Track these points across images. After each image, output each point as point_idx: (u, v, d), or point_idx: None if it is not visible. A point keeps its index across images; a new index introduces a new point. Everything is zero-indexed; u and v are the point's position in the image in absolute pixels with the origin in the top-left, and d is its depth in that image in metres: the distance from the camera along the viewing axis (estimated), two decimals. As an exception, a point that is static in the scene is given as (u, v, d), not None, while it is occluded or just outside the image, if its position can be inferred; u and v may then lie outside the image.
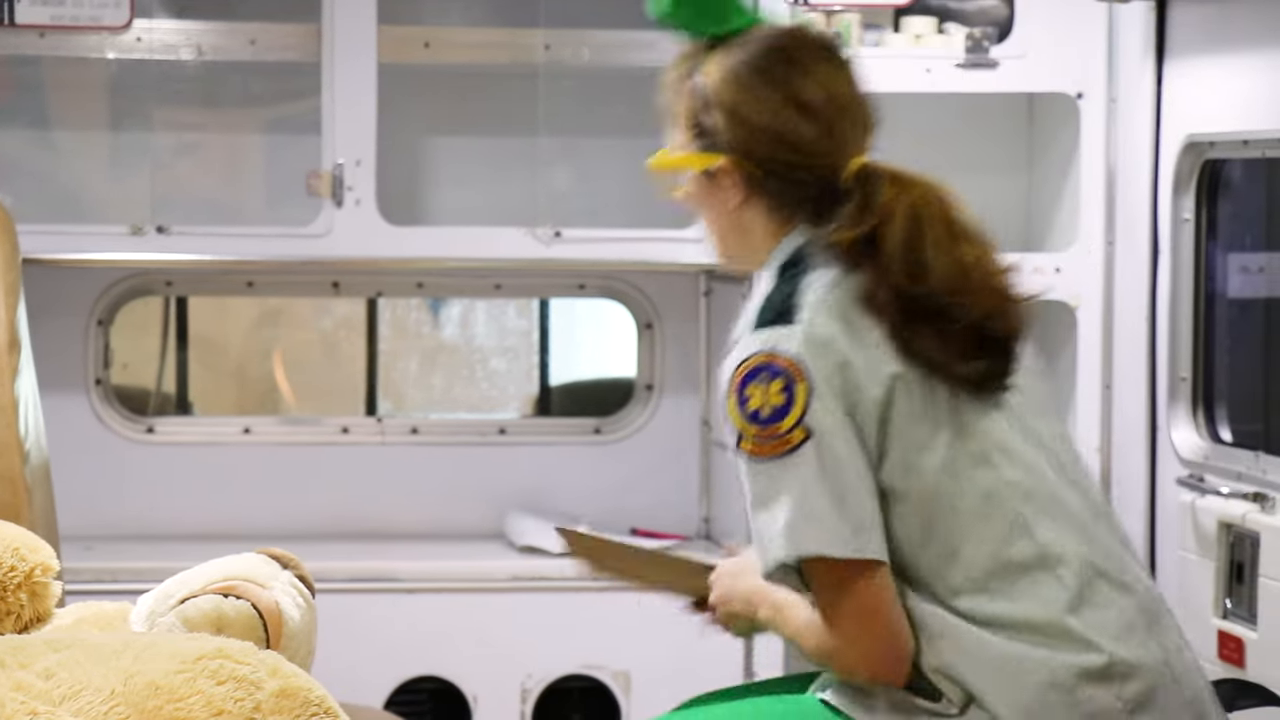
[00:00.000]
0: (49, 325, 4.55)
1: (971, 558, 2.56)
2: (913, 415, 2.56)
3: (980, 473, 2.58)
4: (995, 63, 4.54)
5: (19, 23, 4.41)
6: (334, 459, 4.86)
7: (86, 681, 1.92)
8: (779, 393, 2.51)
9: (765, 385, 2.51)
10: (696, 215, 2.82)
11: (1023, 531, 2.58)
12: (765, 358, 2.53)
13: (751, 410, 2.51)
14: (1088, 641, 2.57)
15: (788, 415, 2.50)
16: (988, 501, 2.57)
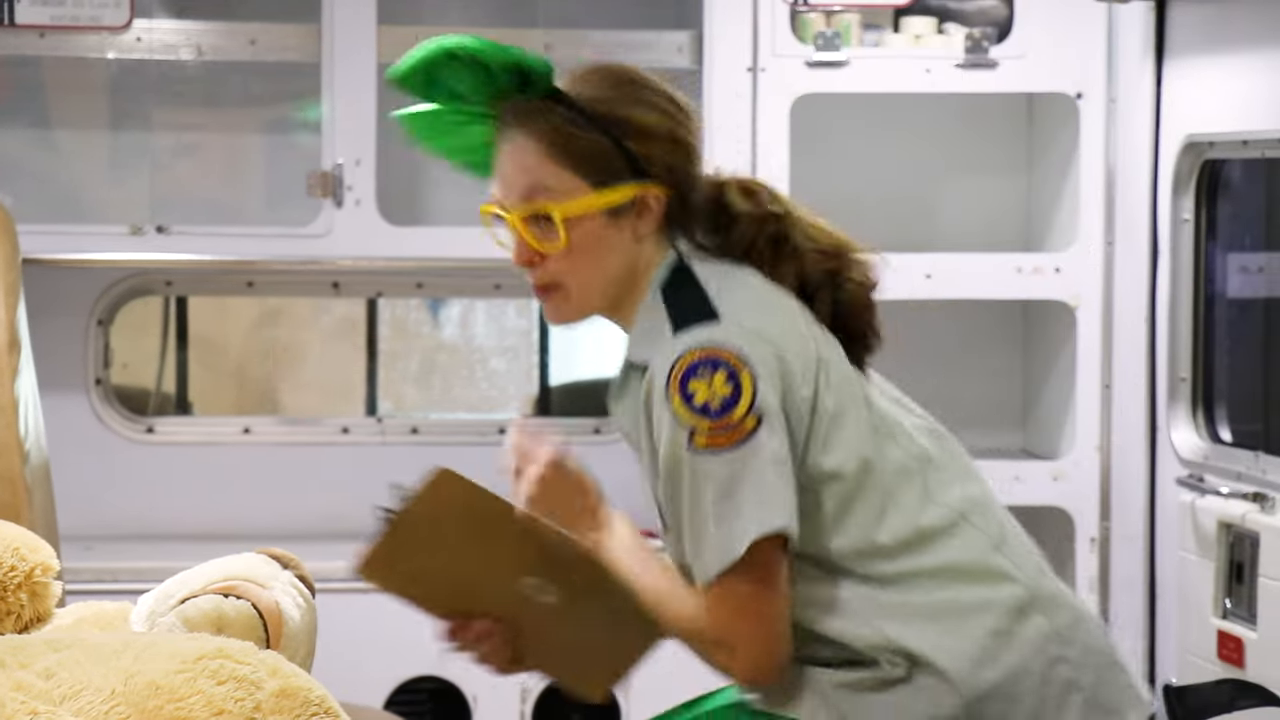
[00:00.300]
0: (49, 325, 4.55)
1: (893, 530, 2.58)
2: (836, 400, 2.59)
3: (887, 447, 2.62)
4: (995, 63, 4.54)
5: (19, 23, 4.41)
6: (334, 459, 4.86)
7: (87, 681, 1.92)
8: (724, 383, 2.50)
9: (708, 379, 2.50)
10: (559, 271, 2.62)
11: (932, 498, 2.63)
12: (702, 353, 2.50)
13: (700, 405, 2.48)
14: (1015, 577, 2.63)
15: (738, 403, 2.49)
16: (899, 475, 2.61)
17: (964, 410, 4.98)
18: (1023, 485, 4.61)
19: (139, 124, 4.89)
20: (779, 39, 4.50)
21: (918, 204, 4.95)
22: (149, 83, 4.82)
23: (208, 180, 4.92)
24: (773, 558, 2.51)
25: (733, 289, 2.60)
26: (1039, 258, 4.65)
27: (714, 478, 2.50)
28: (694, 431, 2.49)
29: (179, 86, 4.85)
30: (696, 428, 2.49)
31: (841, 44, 4.52)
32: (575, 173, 2.57)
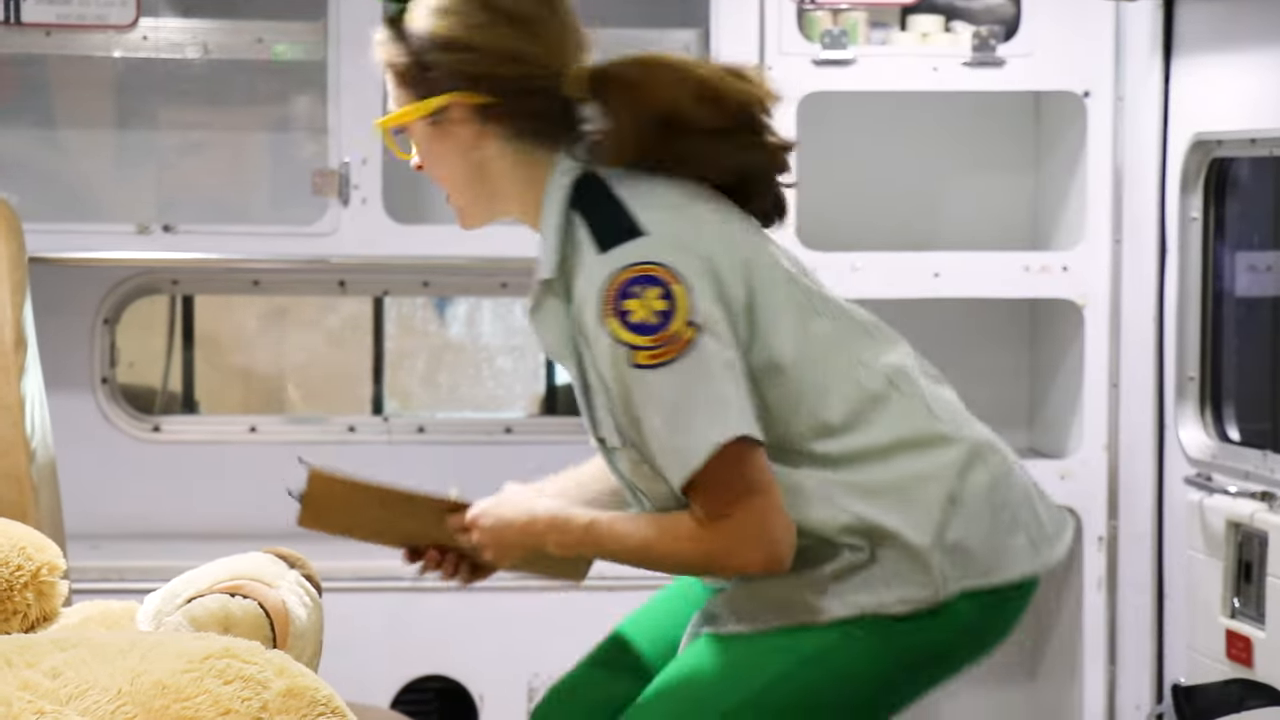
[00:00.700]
0: (55, 324, 4.55)
1: (838, 406, 2.67)
2: (766, 293, 2.64)
3: (816, 322, 2.69)
4: (1002, 61, 4.53)
5: (25, 22, 4.41)
6: (340, 458, 4.84)
7: (93, 680, 1.92)
8: (659, 298, 2.55)
9: (641, 296, 2.56)
10: (435, 180, 2.79)
11: (864, 364, 2.72)
12: (633, 271, 2.56)
13: (636, 323, 2.55)
14: (952, 436, 2.78)
15: (674, 316, 2.55)
16: (832, 347, 2.70)
17: (971, 409, 4.98)
18: (1030, 484, 4.61)
19: (145, 123, 4.89)
20: (786, 37, 4.50)
21: (925, 203, 4.94)
22: (155, 81, 4.82)
23: (214, 179, 4.92)
24: (744, 457, 2.57)
25: (650, 202, 2.63)
26: (1046, 256, 4.64)
27: (662, 393, 2.56)
28: (635, 349, 2.55)
29: (185, 85, 4.85)
30: (637, 345, 2.55)
31: (848, 42, 4.52)
32: (397, 86, 2.74)
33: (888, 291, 4.55)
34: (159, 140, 4.91)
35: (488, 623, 4.44)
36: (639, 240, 2.59)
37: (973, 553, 2.73)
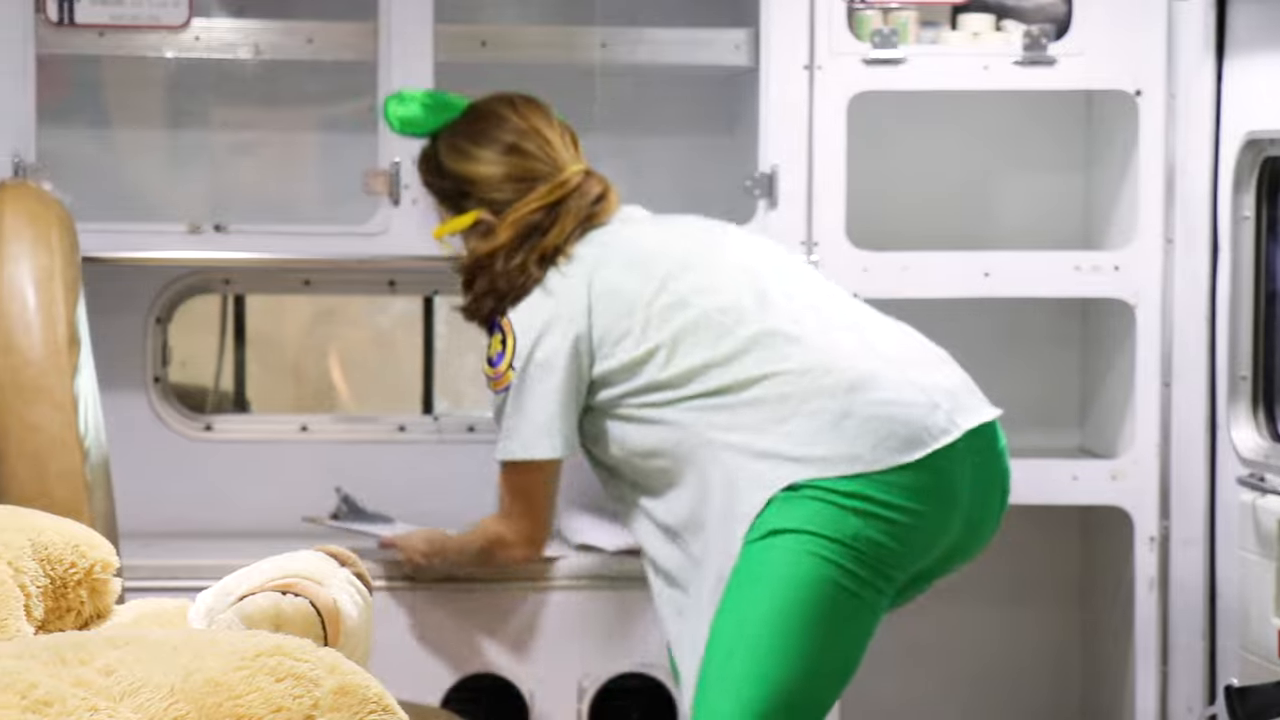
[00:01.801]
0: (108, 323, 4.57)
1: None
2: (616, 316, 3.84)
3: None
4: (1053, 60, 4.52)
5: (79, 22, 4.43)
6: (391, 457, 4.87)
7: (146, 678, 1.93)
8: (499, 343, 3.86)
9: (491, 338, 3.90)
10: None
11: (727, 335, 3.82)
12: (501, 318, 3.87)
13: (487, 356, 3.89)
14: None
15: (503, 359, 3.84)
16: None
17: (1022, 408, 4.97)
18: (1081, 484, 4.59)
19: (197, 123, 4.91)
20: (836, 37, 4.49)
21: (976, 202, 4.93)
22: (207, 82, 4.84)
23: (265, 179, 4.94)
24: (531, 469, 3.93)
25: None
26: (1098, 256, 4.62)
27: (499, 407, 3.90)
28: (486, 375, 3.90)
29: (237, 85, 4.87)
30: (485, 372, 3.90)
31: (899, 41, 4.51)
32: (444, 207, 4.04)
33: (938, 291, 4.54)
34: (211, 140, 4.93)
35: (539, 621, 4.44)
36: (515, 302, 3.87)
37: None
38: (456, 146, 3.94)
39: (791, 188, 4.51)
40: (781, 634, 3.57)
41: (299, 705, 1.98)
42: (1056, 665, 5.01)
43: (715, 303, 3.73)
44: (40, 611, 2.44)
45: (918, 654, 4.98)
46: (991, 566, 4.95)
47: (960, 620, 4.99)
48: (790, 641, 3.56)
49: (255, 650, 2.02)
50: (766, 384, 3.67)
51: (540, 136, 3.92)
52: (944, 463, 3.67)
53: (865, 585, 3.63)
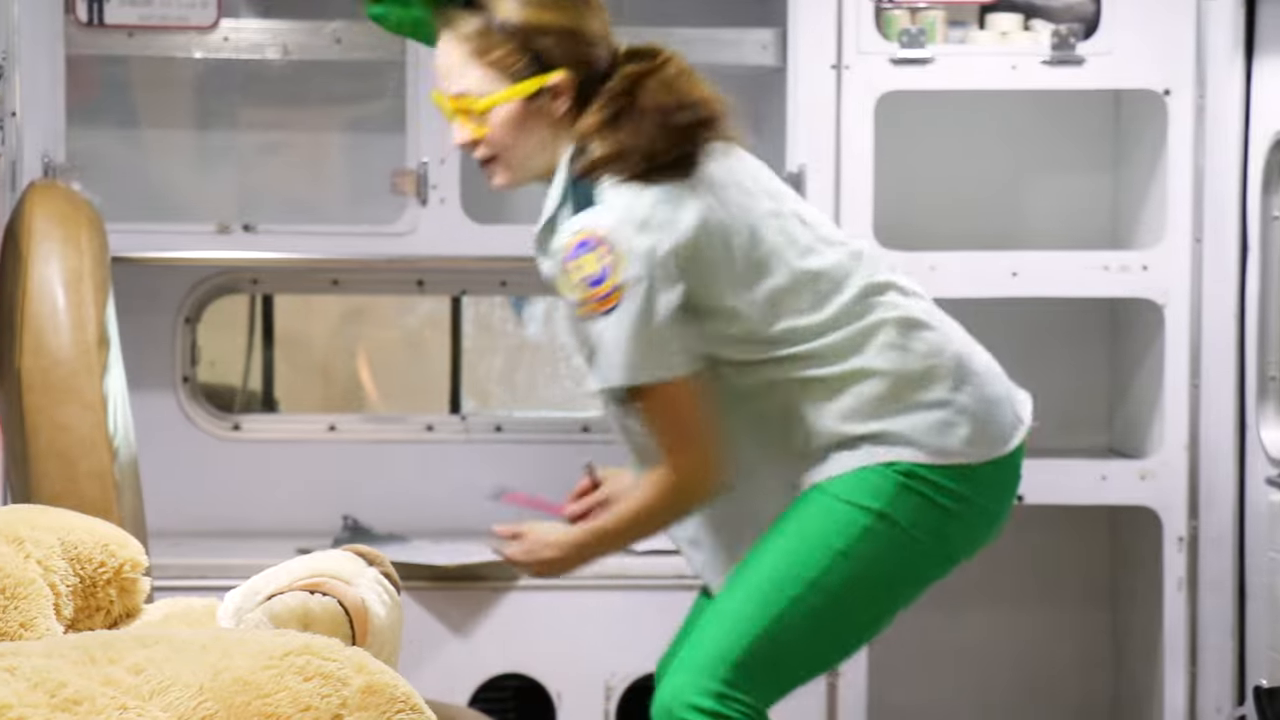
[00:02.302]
0: (137, 323, 4.58)
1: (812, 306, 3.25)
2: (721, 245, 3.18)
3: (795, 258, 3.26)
4: (1081, 60, 4.51)
5: (108, 23, 4.45)
6: (418, 456, 4.87)
7: (175, 677, 1.93)
8: (595, 262, 3.13)
9: (584, 256, 3.15)
10: (491, 148, 3.24)
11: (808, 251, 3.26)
12: (581, 236, 3.13)
13: (581, 279, 3.15)
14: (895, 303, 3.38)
15: (606, 279, 3.12)
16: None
17: (1051, 409, 4.95)
18: (1110, 484, 4.58)
19: (226, 123, 4.92)
20: (864, 36, 4.49)
21: (1004, 202, 4.92)
22: (235, 82, 4.85)
23: (293, 179, 4.95)
24: (671, 393, 3.16)
25: (620, 183, 3.15)
26: (1126, 255, 4.61)
27: (598, 337, 3.16)
28: (582, 300, 3.15)
29: (265, 85, 4.87)
30: (582, 297, 3.15)
31: (926, 41, 4.50)
32: (488, 74, 3.19)
33: (966, 291, 4.53)
34: (239, 140, 4.94)
35: (566, 621, 4.45)
36: (590, 211, 3.15)
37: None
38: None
39: (819, 187, 4.50)
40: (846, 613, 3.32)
41: (327, 704, 1.98)
42: (1085, 666, 5.00)
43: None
44: (70, 610, 2.45)
45: (947, 655, 4.97)
46: (1020, 567, 4.94)
47: (989, 621, 4.98)
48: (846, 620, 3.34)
49: (283, 649, 2.02)
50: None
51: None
52: (1018, 457, 3.52)
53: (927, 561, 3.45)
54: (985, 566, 4.95)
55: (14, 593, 2.32)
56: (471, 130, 3.22)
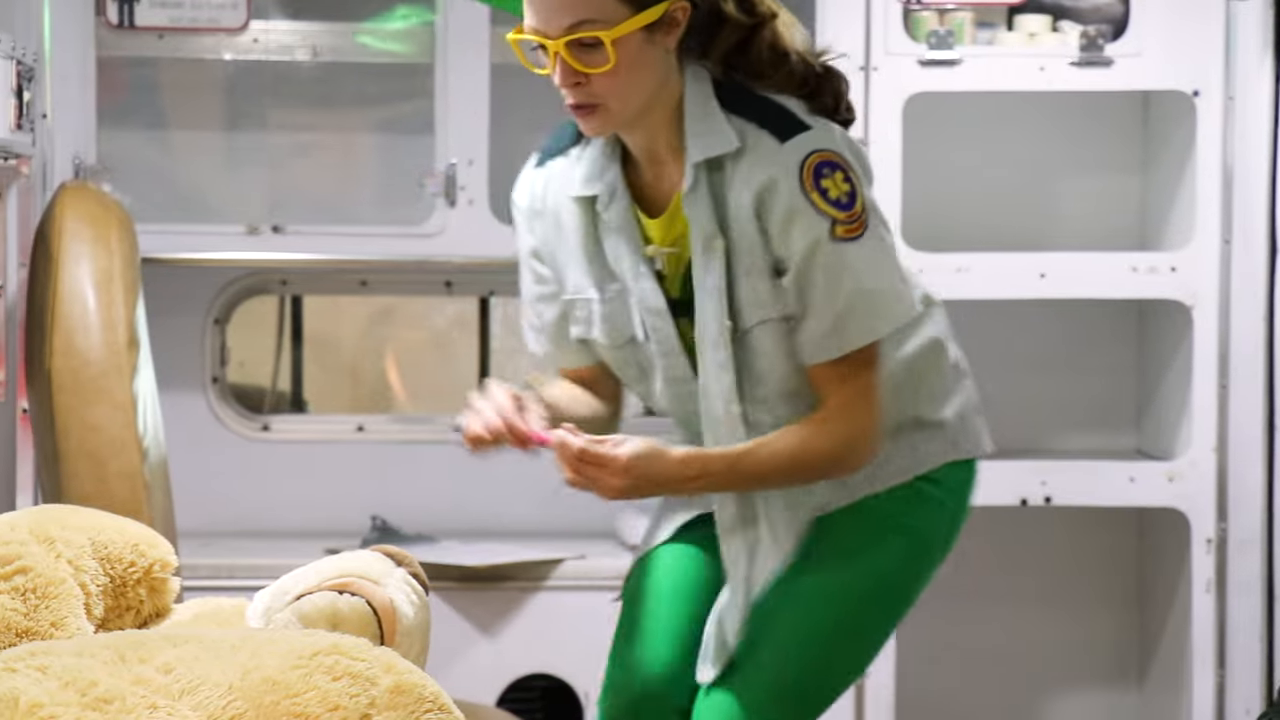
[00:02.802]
0: (167, 324, 4.60)
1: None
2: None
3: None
4: (1110, 61, 4.50)
5: (138, 25, 4.46)
6: (447, 457, 4.88)
7: (205, 676, 1.94)
8: (843, 181, 2.84)
9: (831, 177, 2.84)
10: (602, 90, 2.84)
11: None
12: (820, 156, 2.85)
13: (834, 199, 2.84)
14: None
15: (856, 198, 2.85)
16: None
17: (1079, 410, 4.95)
18: (1138, 486, 4.57)
19: (255, 124, 4.94)
20: (891, 37, 4.49)
21: (1032, 203, 4.92)
22: (265, 83, 4.86)
23: (322, 180, 4.96)
24: (880, 353, 2.91)
25: (794, 105, 2.89)
26: (1154, 257, 4.60)
27: (851, 265, 2.85)
28: (836, 222, 2.83)
29: (294, 87, 4.89)
30: (836, 219, 2.83)
31: (955, 42, 4.50)
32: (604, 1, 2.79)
33: (994, 292, 4.53)
34: (268, 142, 4.96)
35: (594, 621, 4.44)
36: (814, 132, 2.86)
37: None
38: None
39: (847, 189, 4.50)
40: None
41: (355, 704, 1.99)
42: (1113, 667, 4.99)
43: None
44: (100, 610, 2.46)
45: (974, 656, 4.97)
46: (1048, 568, 4.94)
47: (1017, 620, 4.97)
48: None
49: (312, 649, 2.03)
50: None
51: None
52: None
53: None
54: (1014, 566, 4.95)
55: (45, 592, 2.33)
56: (588, 68, 2.82)
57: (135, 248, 4.05)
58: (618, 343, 3.03)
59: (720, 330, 2.91)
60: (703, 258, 2.90)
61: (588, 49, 2.81)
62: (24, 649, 1.95)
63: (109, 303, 3.82)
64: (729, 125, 2.87)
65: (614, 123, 2.89)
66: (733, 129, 2.87)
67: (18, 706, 1.82)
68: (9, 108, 3.67)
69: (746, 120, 2.87)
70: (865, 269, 2.85)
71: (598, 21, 2.79)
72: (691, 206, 2.90)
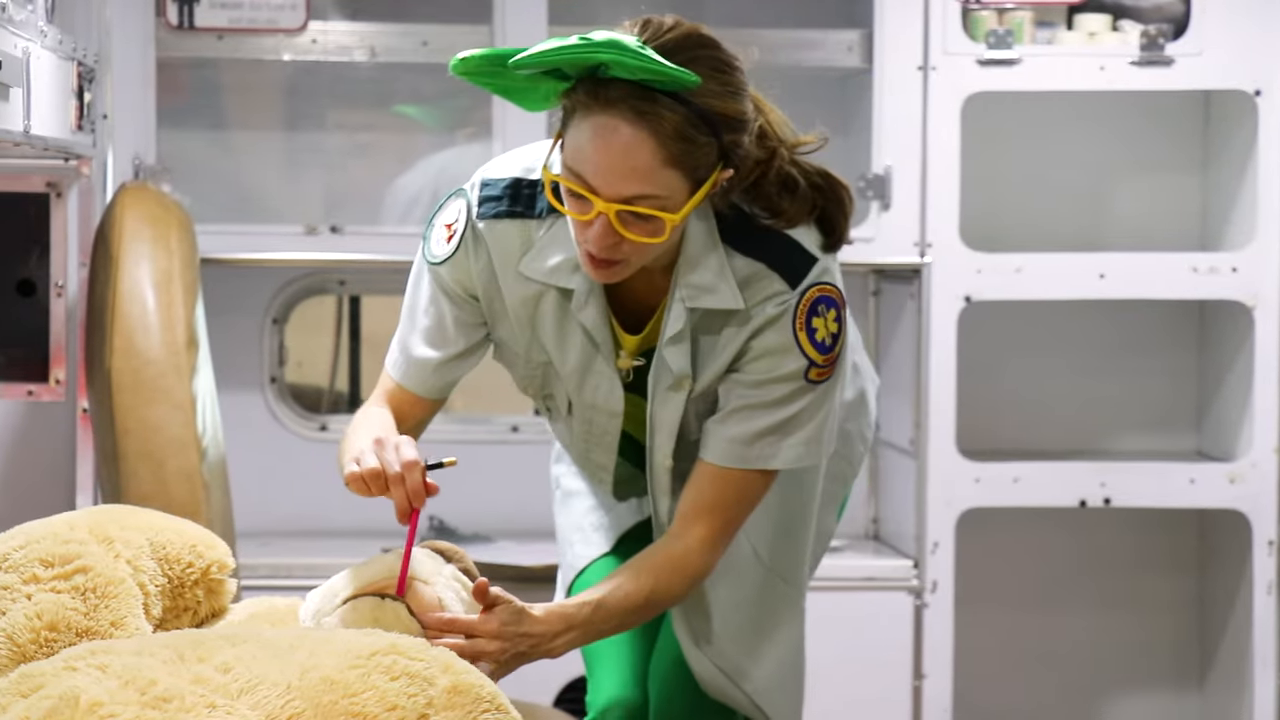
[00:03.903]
0: (226, 324, 4.62)
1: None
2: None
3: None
4: (1170, 60, 4.48)
5: (198, 26, 4.48)
6: (504, 458, 4.88)
7: (263, 675, 1.95)
8: (833, 321, 2.71)
9: (825, 316, 2.71)
10: (634, 252, 2.61)
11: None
12: (819, 291, 2.71)
13: (819, 340, 2.71)
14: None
15: (839, 341, 2.72)
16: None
17: (1139, 411, 4.93)
18: (1198, 488, 4.55)
19: (314, 125, 4.95)
20: (950, 37, 4.47)
21: (1091, 203, 4.90)
22: (323, 84, 4.88)
23: (380, 180, 4.97)
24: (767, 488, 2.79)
25: (798, 233, 2.72)
26: (1215, 257, 4.58)
27: (800, 403, 2.72)
28: (811, 365, 2.71)
29: (353, 87, 4.90)
30: (814, 362, 2.71)
31: (1014, 42, 4.48)
32: (683, 175, 2.55)
33: (1052, 293, 4.51)
34: (327, 142, 4.97)
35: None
36: (819, 264, 2.71)
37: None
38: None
39: (905, 189, 4.49)
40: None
41: (413, 704, 1.99)
42: (1173, 670, 4.96)
43: None
44: (158, 610, 2.46)
45: (1032, 656, 4.95)
46: (1108, 570, 4.91)
47: (1075, 623, 4.95)
48: None
49: (370, 649, 2.03)
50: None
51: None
52: None
53: None
54: (1072, 569, 4.93)
55: (105, 592, 2.34)
56: (635, 237, 2.56)
57: (194, 248, 4.07)
58: (532, 369, 2.92)
59: (662, 463, 2.85)
60: (664, 394, 2.78)
61: (639, 219, 2.55)
62: (84, 648, 1.96)
63: (169, 303, 3.84)
64: (731, 269, 2.70)
65: (626, 275, 2.67)
66: (736, 272, 2.69)
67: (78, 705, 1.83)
68: (70, 109, 3.69)
69: (755, 260, 2.70)
70: (812, 412, 2.73)
71: (661, 199, 2.54)
72: (670, 350, 2.75)
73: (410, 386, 2.96)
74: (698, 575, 2.77)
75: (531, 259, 2.75)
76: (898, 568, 4.56)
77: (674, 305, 2.72)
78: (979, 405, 4.74)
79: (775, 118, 2.73)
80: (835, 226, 2.75)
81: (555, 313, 2.78)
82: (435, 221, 2.84)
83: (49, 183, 4.01)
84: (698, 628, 2.94)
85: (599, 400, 2.85)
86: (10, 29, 3.06)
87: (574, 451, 3.04)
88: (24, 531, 2.41)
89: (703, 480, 2.76)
